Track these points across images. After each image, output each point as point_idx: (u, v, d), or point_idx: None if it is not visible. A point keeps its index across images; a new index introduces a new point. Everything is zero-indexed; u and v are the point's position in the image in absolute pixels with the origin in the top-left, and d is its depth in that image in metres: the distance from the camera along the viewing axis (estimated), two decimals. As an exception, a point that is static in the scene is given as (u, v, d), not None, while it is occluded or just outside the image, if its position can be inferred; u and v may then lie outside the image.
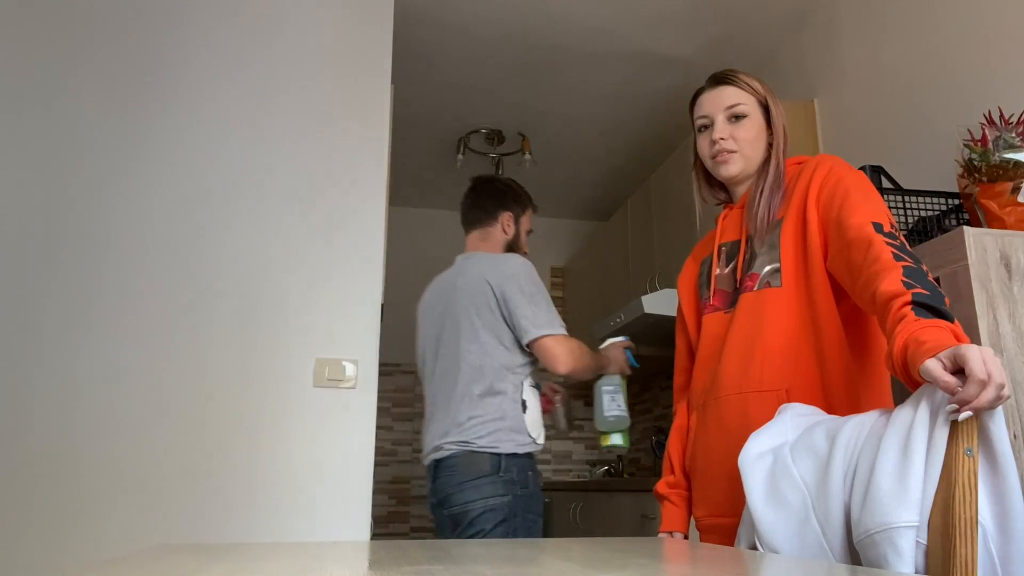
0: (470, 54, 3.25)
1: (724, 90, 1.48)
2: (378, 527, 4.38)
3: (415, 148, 4.09)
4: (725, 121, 1.46)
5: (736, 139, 1.44)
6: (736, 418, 1.33)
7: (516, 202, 2.31)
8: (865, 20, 2.65)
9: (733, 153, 1.45)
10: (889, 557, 0.90)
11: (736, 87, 1.47)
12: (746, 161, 1.45)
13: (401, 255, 4.72)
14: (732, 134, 1.45)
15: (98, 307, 2.16)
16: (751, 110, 1.46)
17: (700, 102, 1.50)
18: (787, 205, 1.39)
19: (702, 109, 1.49)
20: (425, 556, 0.79)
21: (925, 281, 1.08)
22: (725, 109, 1.46)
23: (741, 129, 1.45)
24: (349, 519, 2.16)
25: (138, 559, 0.73)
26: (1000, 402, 0.90)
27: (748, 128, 1.45)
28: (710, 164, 1.49)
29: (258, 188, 2.34)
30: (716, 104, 1.47)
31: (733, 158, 1.45)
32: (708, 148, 1.47)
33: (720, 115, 1.46)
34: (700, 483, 1.42)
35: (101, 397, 2.10)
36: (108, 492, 2.04)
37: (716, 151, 1.45)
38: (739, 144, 1.44)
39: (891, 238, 1.17)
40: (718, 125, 1.46)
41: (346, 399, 2.24)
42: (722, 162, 1.45)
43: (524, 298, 2.05)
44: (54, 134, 2.25)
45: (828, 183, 1.33)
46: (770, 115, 1.47)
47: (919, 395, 0.99)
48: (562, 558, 0.76)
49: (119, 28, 2.37)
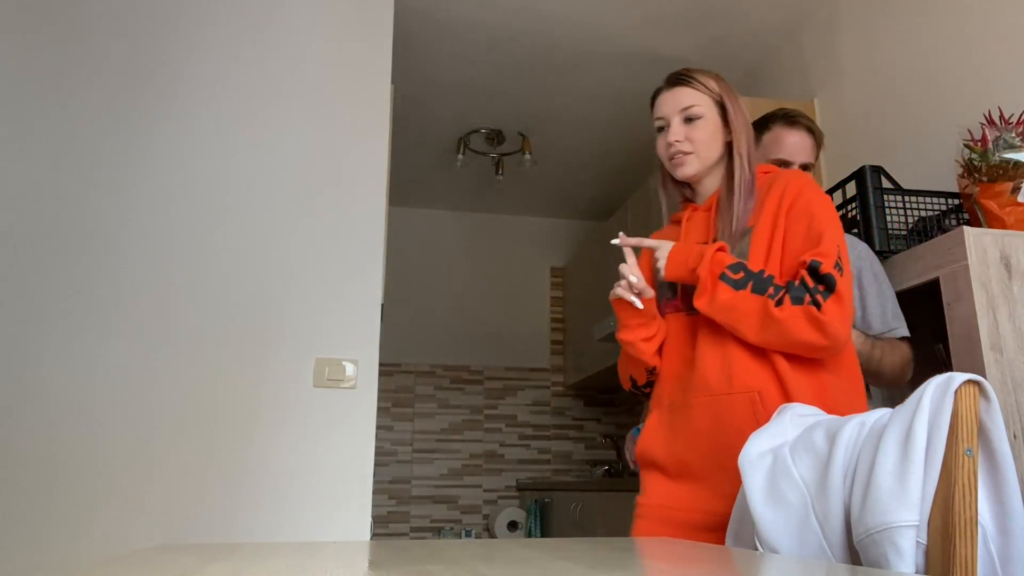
0: (470, 54, 3.25)
1: (679, 91, 1.50)
2: (378, 527, 4.38)
3: (415, 148, 4.09)
4: (680, 122, 1.48)
5: (691, 140, 1.47)
6: (708, 422, 1.36)
7: None
8: (865, 20, 2.65)
9: (689, 155, 1.47)
10: (889, 556, 0.90)
11: (691, 88, 1.49)
12: (702, 162, 1.48)
13: (401, 255, 4.72)
14: (687, 135, 1.47)
15: (98, 307, 2.16)
16: (706, 111, 1.48)
17: (657, 103, 1.52)
18: (758, 215, 1.41)
19: (659, 110, 1.51)
20: (425, 556, 0.79)
21: (764, 282, 1.31)
22: (680, 110, 1.48)
23: (696, 130, 1.47)
24: (349, 519, 2.16)
25: (138, 559, 0.73)
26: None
27: (703, 129, 1.47)
28: (668, 165, 1.52)
29: (257, 188, 2.34)
30: (672, 105, 1.49)
31: (689, 159, 1.48)
32: (665, 149, 1.50)
33: (676, 116, 1.48)
34: (657, 477, 1.46)
35: (101, 397, 2.10)
36: (108, 492, 2.04)
37: (672, 153, 1.48)
38: (694, 145, 1.47)
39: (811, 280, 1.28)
40: (673, 127, 1.48)
41: (346, 399, 2.24)
42: (678, 164, 1.49)
43: None
44: (53, 136, 2.25)
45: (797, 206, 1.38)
46: (727, 114, 1.49)
47: (919, 395, 0.99)
48: (562, 558, 0.76)
49: (119, 28, 2.37)
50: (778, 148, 1.76)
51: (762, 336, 1.31)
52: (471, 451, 4.65)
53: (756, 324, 1.30)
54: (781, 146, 1.76)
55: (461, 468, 4.61)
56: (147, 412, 2.12)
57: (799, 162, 1.75)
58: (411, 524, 4.47)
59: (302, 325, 2.26)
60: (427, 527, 4.48)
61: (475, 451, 4.66)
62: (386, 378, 4.59)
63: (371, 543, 1.01)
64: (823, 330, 1.27)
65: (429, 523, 4.48)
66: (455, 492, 4.56)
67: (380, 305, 2.35)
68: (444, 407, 4.68)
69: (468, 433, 4.68)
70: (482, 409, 4.73)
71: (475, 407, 4.72)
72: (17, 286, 2.13)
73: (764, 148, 1.78)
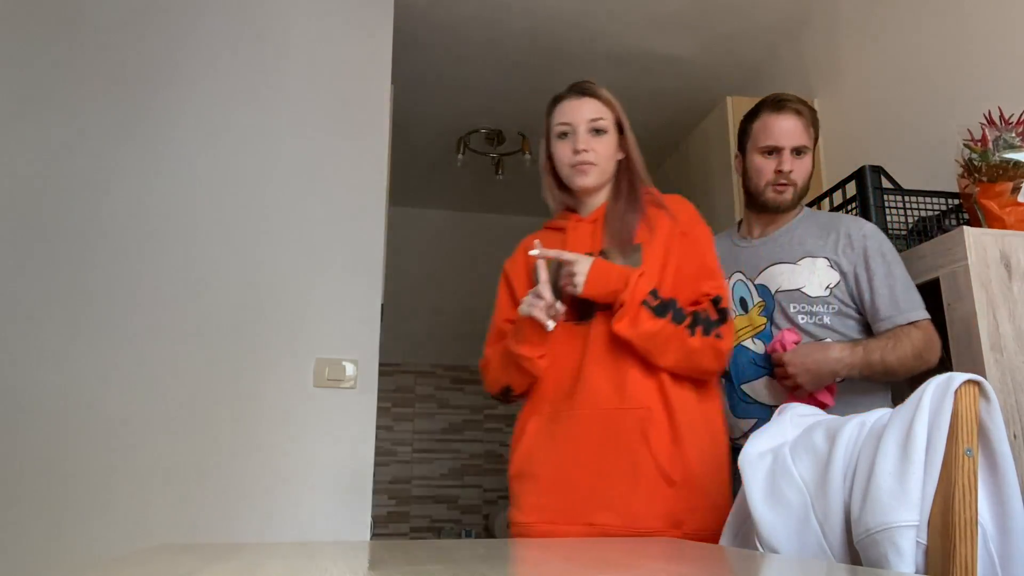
0: (470, 54, 3.25)
1: (588, 102, 1.52)
2: (378, 527, 4.38)
3: (415, 148, 4.09)
4: (587, 133, 1.50)
5: (596, 152, 1.49)
6: (596, 433, 1.39)
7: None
8: (865, 21, 2.65)
9: (594, 166, 1.50)
10: (889, 556, 0.90)
11: (599, 102, 1.53)
12: (601, 174, 1.51)
13: (401, 255, 4.72)
14: (593, 147, 1.49)
15: (97, 306, 2.16)
16: (609, 126, 1.52)
17: (562, 109, 1.53)
18: (647, 233, 1.47)
19: (564, 116, 1.52)
20: (425, 556, 0.79)
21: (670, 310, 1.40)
22: (588, 121, 1.50)
23: (601, 144, 1.50)
24: (349, 519, 2.16)
25: (138, 559, 0.73)
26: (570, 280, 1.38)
27: (606, 143, 1.51)
28: (567, 172, 1.52)
29: (257, 188, 2.34)
30: (579, 114, 1.51)
31: (593, 170, 1.50)
32: (569, 156, 1.51)
33: (582, 126, 1.50)
34: (533, 489, 1.44)
35: (101, 397, 2.10)
36: (108, 492, 2.04)
37: (577, 161, 1.49)
38: (599, 158, 1.50)
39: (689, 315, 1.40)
40: (581, 136, 1.49)
41: (346, 399, 2.24)
42: (581, 173, 1.50)
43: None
44: (53, 137, 2.25)
45: (693, 234, 1.50)
46: (623, 132, 1.54)
47: (919, 395, 0.99)
48: (562, 558, 0.76)
49: (119, 28, 2.36)
50: (766, 135, 1.71)
51: (674, 362, 1.39)
52: (471, 451, 4.65)
53: (673, 352, 1.38)
54: (769, 133, 1.71)
55: (461, 468, 4.61)
56: (147, 412, 2.12)
57: (791, 146, 1.69)
58: (411, 524, 4.47)
59: (302, 325, 2.26)
60: (427, 527, 4.48)
61: (475, 451, 4.66)
62: (386, 378, 4.58)
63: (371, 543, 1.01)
64: (720, 359, 1.42)
65: (429, 523, 4.48)
66: (455, 492, 4.56)
67: (380, 305, 2.35)
68: (444, 407, 4.68)
69: (468, 433, 4.68)
70: (482, 409, 4.73)
71: (475, 407, 4.72)
72: (15, 286, 2.13)
73: (754, 137, 1.73)
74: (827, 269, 1.64)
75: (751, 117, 1.77)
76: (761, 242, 1.75)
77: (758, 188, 1.74)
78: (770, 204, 1.73)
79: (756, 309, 1.70)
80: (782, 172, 1.70)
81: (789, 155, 1.70)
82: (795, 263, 1.67)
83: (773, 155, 1.71)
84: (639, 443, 1.37)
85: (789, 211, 1.75)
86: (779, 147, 1.70)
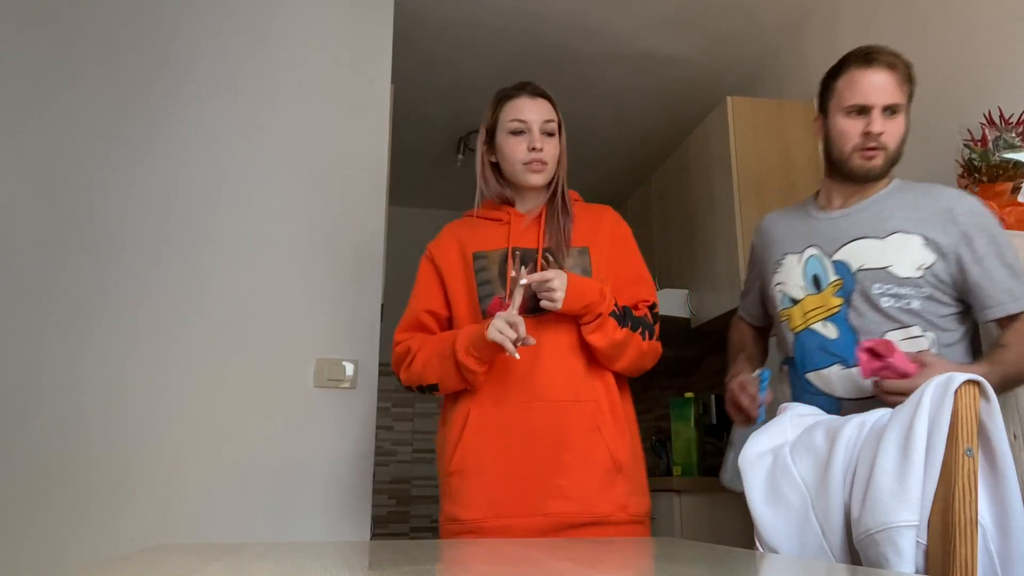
0: (470, 54, 3.25)
1: (542, 103, 1.57)
2: (378, 527, 4.38)
3: (415, 148, 4.09)
4: (541, 133, 1.54)
5: (548, 152, 1.55)
6: (553, 424, 1.44)
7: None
8: (865, 21, 2.65)
9: (546, 165, 1.54)
10: (889, 556, 0.90)
11: (552, 105, 1.58)
12: (550, 174, 1.56)
13: (401, 255, 4.72)
14: (546, 147, 1.54)
15: (98, 307, 2.16)
16: (556, 130, 1.57)
17: (517, 106, 1.56)
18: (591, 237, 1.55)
19: (519, 113, 1.55)
20: (425, 556, 0.79)
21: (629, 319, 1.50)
22: (543, 122, 1.55)
23: (551, 145, 1.55)
24: (349, 519, 2.16)
25: (138, 559, 0.73)
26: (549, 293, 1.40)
27: (555, 146, 1.56)
28: (519, 168, 1.55)
29: (257, 188, 2.34)
30: (536, 114, 1.55)
31: (545, 169, 1.55)
32: (523, 153, 1.54)
33: (537, 126, 1.54)
34: (481, 483, 1.45)
35: (101, 397, 2.10)
36: (108, 492, 2.04)
37: (533, 159, 1.53)
38: (550, 158, 1.55)
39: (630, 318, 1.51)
40: (536, 135, 1.54)
41: (346, 399, 2.24)
42: (535, 171, 1.54)
43: None
44: (54, 136, 2.25)
45: (628, 242, 1.60)
46: (562, 139, 1.60)
47: (919, 395, 0.99)
48: (562, 558, 0.76)
49: (120, 28, 2.36)
50: (853, 92, 1.50)
51: (628, 364, 1.51)
52: (471, 451, 4.64)
53: (629, 355, 1.50)
54: (857, 89, 1.49)
55: (461, 468, 4.60)
56: (147, 412, 2.12)
57: (881, 104, 1.48)
58: (411, 524, 4.47)
59: (302, 325, 2.26)
60: (427, 527, 4.48)
61: (475, 451, 4.65)
62: (386, 378, 4.58)
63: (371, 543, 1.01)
64: (655, 360, 1.57)
65: (429, 523, 4.48)
66: (455, 492, 4.56)
67: (380, 305, 2.35)
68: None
69: (468, 433, 4.67)
70: (482, 409, 4.72)
71: (475, 407, 4.72)
72: (15, 286, 2.13)
73: (838, 95, 1.52)
74: (921, 248, 1.44)
75: (835, 73, 1.55)
76: (842, 214, 1.55)
77: (843, 154, 1.52)
78: (857, 172, 1.52)
79: (831, 288, 1.51)
80: (871, 134, 1.48)
81: (880, 115, 1.48)
82: (883, 239, 1.47)
83: (861, 115, 1.49)
84: (593, 433, 1.46)
85: (878, 180, 1.54)
86: (868, 106, 1.48)
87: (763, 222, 1.75)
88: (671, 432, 3.01)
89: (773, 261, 1.65)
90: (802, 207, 1.67)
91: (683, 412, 2.91)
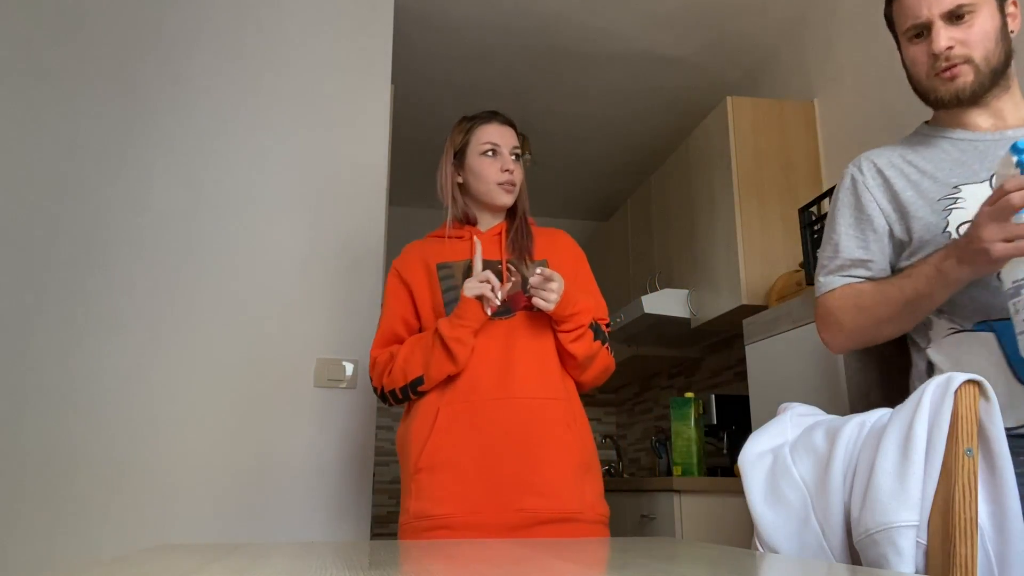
0: (470, 54, 3.25)
1: (510, 131, 1.68)
2: (378, 527, 4.37)
3: (415, 148, 4.09)
4: (511, 157, 1.65)
5: (516, 176, 1.65)
6: (523, 420, 1.49)
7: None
8: (865, 20, 2.65)
9: (515, 187, 1.66)
10: (889, 557, 0.90)
11: (516, 133, 1.70)
12: (516, 195, 1.68)
13: (401, 255, 4.72)
14: (516, 171, 1.65)
15: (98, 306, 2.16)
16: (519, 156, 1.69)
17: (488, 131, 1.66)
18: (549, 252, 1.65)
19: (492, 137, 1.65)
20: (425, 556, 0.79)
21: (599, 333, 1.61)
22: (512, 147, 1.66)
23: (518, 169, 1.67)
24: (349, 519, 2.16)
25: (138, 559, 0.73)
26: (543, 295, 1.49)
27: (520, 171, 1.68)
28: (491, 188, 1.64)
29: (258, 188, 2.34)
30: (508, 140, 1.66)
31: (515, 190, 1.66)
32: (497, 174, 1.64)
33: (507, 150, 1.65)
34: (452, 479, 1.46)
35: (101, 397, 2.10)
36: (109, 492, 2.04)
37: (506, 180, 1.64)
38: (518, 181, 1.67)
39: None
40: (506, 157, 1.64)
41: (346, 399, 2.24)
42: (507, 192, 1.64)
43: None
44: (54, 135, 2.25)
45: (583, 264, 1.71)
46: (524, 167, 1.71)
47: (919, 395, 0.99)
48: (562, 558, 0.76)
49: (119, 27, 2.37)
50: (904, 15, 1.32)
51: (595, 375, 1.63)
52: (471, 451, 4.64)
53: (598, 368, 1.62)
54: (906, 9, 1.31)
55: (461, 468, 4.60)
56: (147, 412, 2.12)
57: (940, 13, 1.27)
58: (411, 524, 4.46)
59: (302, 325, 2.26)
60: (427, 527, 4.47)
61: (475, 451, 4.65)
62: (386, 378, 4.58)
63: (371, 543, 1.01)
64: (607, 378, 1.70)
65: (429, 523, 4.47)
66: (455, 492, 4.55)
67: (380, 305, 2.35)
68: (444, 407, 4.66)
69: (468, 433, 4.67)
70: (482, 409, 4.71)
71: (475, 407, 4.71)
72: (17, 286, 2.13)
73: (897, 24, 1.36)
74: None
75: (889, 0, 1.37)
76: (994, 138, 1.29)
77: (921, 84, 1.33)
78: (946, 99, 1.30)
79: None
80: (938, 55, 1.27)
81: (943, 26, 1.26)
82: None
83: (923, 36, 1.30)
84: (565, 431, 1.52)
85: (987, 94, 1.29)
86: (924, 22, 1.29)
87: (876, 160, 1.41)
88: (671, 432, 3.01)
89: (934, 200, 1.28)
90: (926, 138, 1.38)
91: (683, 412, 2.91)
